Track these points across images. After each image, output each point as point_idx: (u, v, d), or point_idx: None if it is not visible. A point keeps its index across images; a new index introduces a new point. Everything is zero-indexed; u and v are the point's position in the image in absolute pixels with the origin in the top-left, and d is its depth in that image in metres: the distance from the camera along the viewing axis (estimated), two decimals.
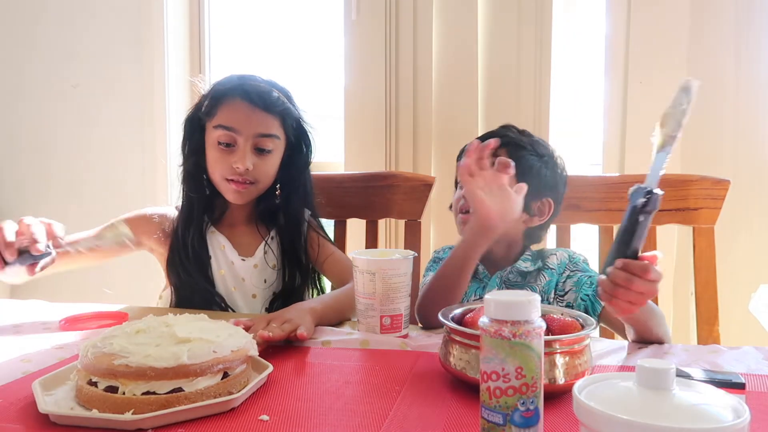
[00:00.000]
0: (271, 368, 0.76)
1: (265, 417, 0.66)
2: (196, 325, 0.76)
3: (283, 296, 1.29)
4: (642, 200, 0.76)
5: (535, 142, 1.22)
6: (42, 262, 0.99)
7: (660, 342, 0.93)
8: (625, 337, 0.99)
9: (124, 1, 2.22)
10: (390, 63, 1.90)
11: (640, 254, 0.78)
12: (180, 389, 0.67)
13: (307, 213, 1.34)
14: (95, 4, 2.27)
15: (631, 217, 0.77)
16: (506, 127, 1.25)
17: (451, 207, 1.26)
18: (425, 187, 1.42)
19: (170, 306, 1.28)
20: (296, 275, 1.30)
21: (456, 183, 1.26)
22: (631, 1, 1.69)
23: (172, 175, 2.20)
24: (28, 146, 2.39)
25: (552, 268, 1.18)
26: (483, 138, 1.22)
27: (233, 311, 1.26)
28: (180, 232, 1.26)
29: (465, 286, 1.04)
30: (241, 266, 1.29)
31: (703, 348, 0.91)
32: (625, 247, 0.78)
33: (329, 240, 1.37)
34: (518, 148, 1.18)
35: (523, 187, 1.03)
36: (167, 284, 1.31)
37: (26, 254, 0.97)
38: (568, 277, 1.17)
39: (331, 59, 2.11)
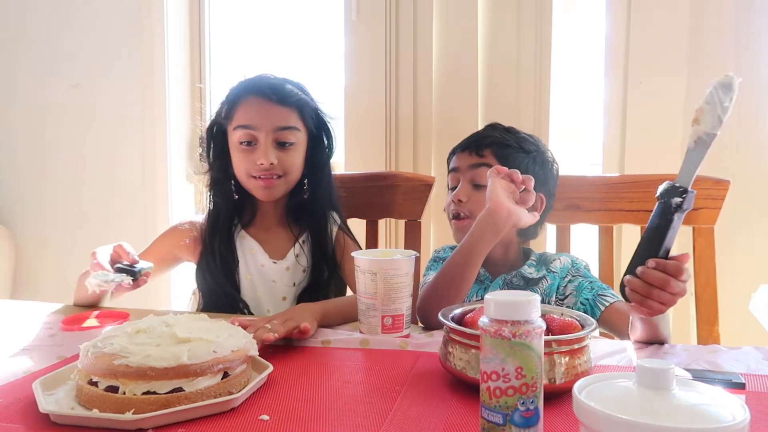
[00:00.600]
0: (271, 368, 0.76)
1: (265, 417, 0.66)
2: (196, 325, 0.76)
3: (311, 291, 1.29)
4: (678, 200, 0.74)
5: (522, 138, 1.22)
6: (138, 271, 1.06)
7: (662, 342, 0.93)
8: (624, 338, 0.99)
9: (124, 1, 2.23)
10: (390, 63, 1.90)
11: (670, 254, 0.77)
12: (180, 389, 0.67)
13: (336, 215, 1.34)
14: (95, 5, 2.27)
15: (665, 215, 0.75)
16: (492, 126, 1.25)
17: (445, 209, 1.26)
18: (425, 187, 1.42)
19: (197, 308, 1.30)
20: (324, 270, 1.30)
21: (448, 186, 1.26)
22: (631, 1, 1.69)
23: (172, 175, 2.21)
24: (28, 146, 2.40)
25: (555, 272, 1.18)
26: (470, 138, 1.23)
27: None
28: (208, 238, 1.27)
29: (470, 283, 1.03)
30: (271, 269, 1.29)
31: (703, 348, 0.92)
32: (658, 246, 0.76)
33: (356, 243, 1.36)
34: (503, 147, 1.18)
35: (530, 199, 1.03)
36: (196, 289, 1.33)
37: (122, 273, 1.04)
38: (569, 281, 1.17)
39: (331, 59, 2.11)
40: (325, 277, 1.30)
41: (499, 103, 1.85)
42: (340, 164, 1.99)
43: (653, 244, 0.77)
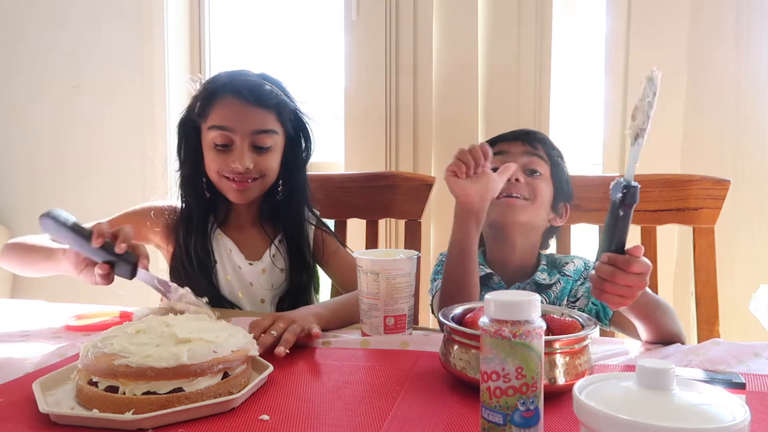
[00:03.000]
0: (271, 368, 0.76)
1: (265, 417, 0.66)
2: (196, 325, 0.76)
3: (291, 296, 1.27)
4: (619, 195, 0.77)
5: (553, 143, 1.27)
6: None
7: (674, 340, 0.92)
8: (638, 338, 0.99)
9: (124, 1, 2.23)
10: (390, 63, 1.90)
11: (626, 248, 0.80)
12: (180, 389, 0.67)
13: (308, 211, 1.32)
14: (96, 5, 2.27)
15: (612, 211, 0.79)
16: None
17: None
18: (425, 187, 1.42)
19: None
20: (303, 274, 1.27)
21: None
22: (631, 1, 1.69)
23: (172, 175, 2.20)
24: (28, 146, 2.40)
25: (568, 276, 1.19)
26: (516, 132, 1.24)
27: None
28: (182, 239, 1.23)
29: (474, 275, 1.04)
30: (248, 271, 1.26)
31: (706, 343, 0.91)
32: (609, 241, 0.80)
33: (335, 236, 1.35)
34: (551, 146, 1.23)
35: (510, 167, 1.06)
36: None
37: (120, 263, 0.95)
38: (581, 284, 1.18)
39: (331, 59, 2.11)
40: (304, 281, 1.28)
41: (499, 103, 1.85)
42: (340, 164, 1.99)
43: (605, 240, 0.81)
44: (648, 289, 0.87)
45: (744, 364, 0.83)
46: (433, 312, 1.26)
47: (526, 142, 1.21)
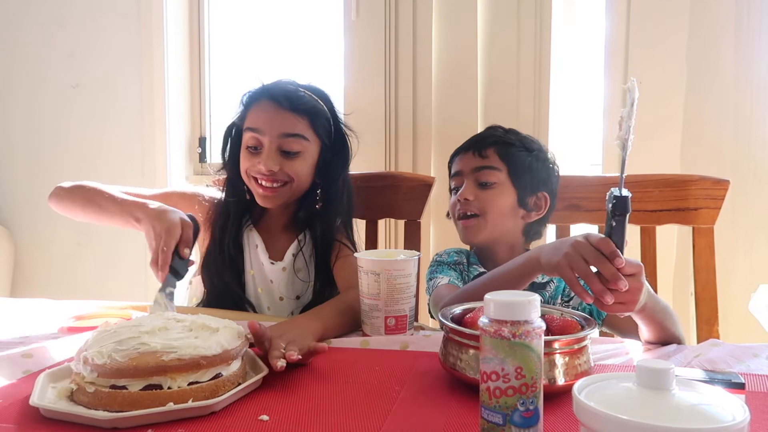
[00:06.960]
0: (266, 371, 0.76)
1: (265, 417, 0.66)
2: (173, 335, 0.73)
3: (314, 305, 1.24)
4: (609, 205, 0.79)
5: (524, 138, 1.23)
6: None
7: (676, 342, 0.92)
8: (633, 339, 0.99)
9: (124, 1, 2.23)
10: (390, 63, 1.90)
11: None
12: (159, 386, 0.67)
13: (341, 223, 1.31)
14: (95, 5, 2.27)
15: (607, 221, 0.80)
16: (493, 128, 1.26)
17: (448, 215, 1.27)
18: (425, 187, 1.42)
19: (200, 302, 1.29)
20: (326, 288, 1.28)
21: (450, 189, 1.26)
22: (631, 1, 1.69)
23: (171, 175, 2.21)
24: (28, 147, 2.40)
25: None
26: (472, 140, 1.22)
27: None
28: (217, 234, 1.27)
29: None
30: (270, 269, 1.28)
31: (705, 344, 0.92)
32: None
33: (350, 248, 1.31)
34: (506, 146, 1.19)
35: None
36: (198, 271, 1.32)
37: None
38: None
39: (331, 59, 2.11)
40: (327, 294, 1.27)
41: (499, 103, 1.85)
42: None
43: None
44: (655, 294, 0.86)
45: (743, 364, 0.83)
46: (430, 312, 1.26)
47: (476, 153, 1.18)
